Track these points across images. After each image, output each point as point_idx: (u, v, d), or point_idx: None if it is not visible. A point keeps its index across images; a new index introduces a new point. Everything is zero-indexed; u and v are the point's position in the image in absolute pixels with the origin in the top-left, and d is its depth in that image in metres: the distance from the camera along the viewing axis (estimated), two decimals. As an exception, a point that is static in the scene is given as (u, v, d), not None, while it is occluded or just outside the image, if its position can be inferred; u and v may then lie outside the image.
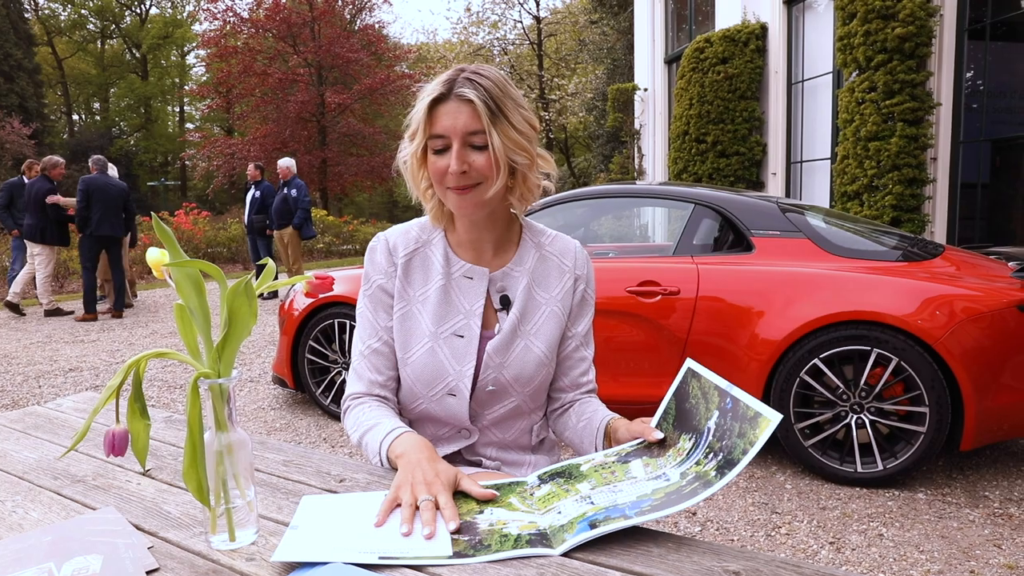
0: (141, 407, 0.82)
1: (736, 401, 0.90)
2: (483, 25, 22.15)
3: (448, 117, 1.09)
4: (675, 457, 0.94)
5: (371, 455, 1.11)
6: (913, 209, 5.97)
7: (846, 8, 6.17)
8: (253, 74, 21.87)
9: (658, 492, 0.87)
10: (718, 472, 0.85)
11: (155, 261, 0.87)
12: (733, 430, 0.88)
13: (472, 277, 1.21)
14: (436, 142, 1.11)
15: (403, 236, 1.25)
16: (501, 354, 1.20)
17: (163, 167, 36.14)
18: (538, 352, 1.22)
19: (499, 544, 0.81)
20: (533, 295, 1.24)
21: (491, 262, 1.24)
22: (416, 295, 1.22)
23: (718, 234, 3.47)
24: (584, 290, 1.29)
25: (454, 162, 1.09)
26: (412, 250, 1.24)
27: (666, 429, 1.00)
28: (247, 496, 0.85)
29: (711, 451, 0.89)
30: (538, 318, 1.23)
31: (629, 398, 3.13)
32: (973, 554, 2.32)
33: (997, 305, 2.73)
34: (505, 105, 1.10)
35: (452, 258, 1.23)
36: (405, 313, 1.22)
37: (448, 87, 1.09)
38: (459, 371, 1.19)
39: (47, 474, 1.10)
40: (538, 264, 1.25)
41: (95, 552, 0.82)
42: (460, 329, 1.20)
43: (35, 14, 30.80)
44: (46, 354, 6.02)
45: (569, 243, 1.29)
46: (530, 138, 1.14)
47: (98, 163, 7.90)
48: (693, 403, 0.97)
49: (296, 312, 3.90)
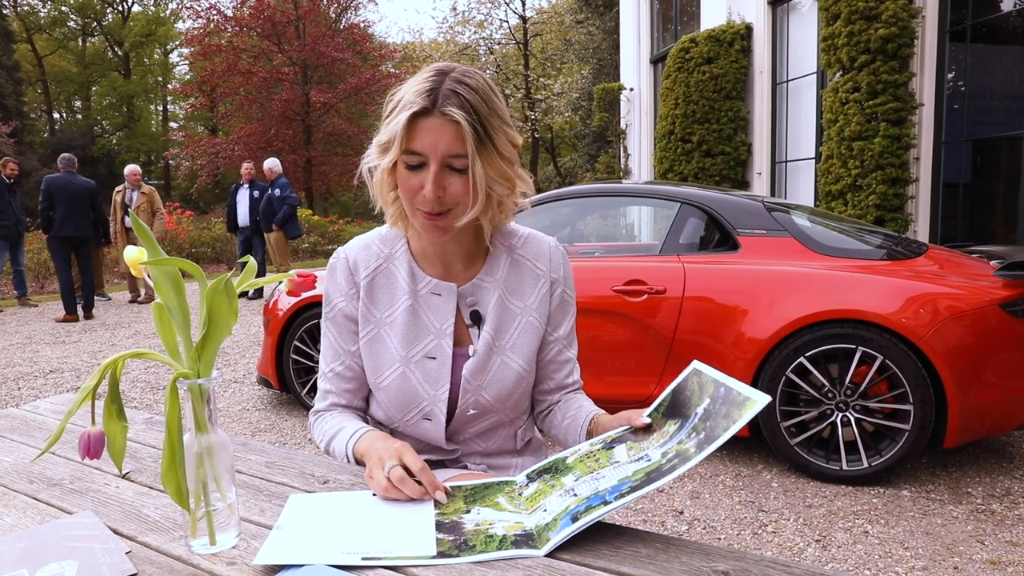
0: (118, 408, 0.80)
1: (729, 390, 0.89)
2: (469, 25, 22.09)
3: (429, 135, 0.99)
4: (659, 439, 0.93)
5: (340, 460, 1.11)
6: (896, 208, 6.03)
7: (830, 9, 6.21)
8: (237, 73, 21.67)
9: (638, 473, 0.86)
10: (697, 448, 0.84)
11: (133, 259, 0.85)
12: (720, 413, 0.87)
13: (440, 294, 1.15)
14: (411, 158, 1.01)
15: (363, 252, 1.18)
16: (478, 376, 1.14)
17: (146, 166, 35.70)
18: (516, 368, 1.17)
19: (484, 545, 0.80)
20: (507, 306, 1.17)
21: (460, 274, 1.17)
22: (383, 317, 1.16)
23: (704, 233, 3.47)
24: (562, 292, 1.22)
25: (430, 187, 1.00)
26: (374, 268, 1.17)
27: (656, 418, 0.99)
28: (228, 499, 0.83)
29: (694, 431, 0.88)
30: (513, 331, 1.17)
31: (616, 397, 3.13)
32: (957, 550, 2.34)
33: (980, 303, 2.76)
34: (492, 127, 1.01)
35: (418, 273, 1.16)
36: (373, 337, 1.16)
37: (431, 100, 0.98)
38: (433, 395, 1.14)
39: (22, 478, 1.07)
40: (510, 272, 1.18)
41: (71, 558, 0.80)
42: (431, 351, 1.14)
43: (13, 10, 30.32)
44: (26, 355, 5.93)
45: (543, 243, 1.22)
46: (512, 162, 1.06)
47: (65, 162, 7.77)
48: (688, 395, 0.96)
49: (281, 312, 3.87)
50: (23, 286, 8.84)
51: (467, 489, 0.96)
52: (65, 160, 7.77)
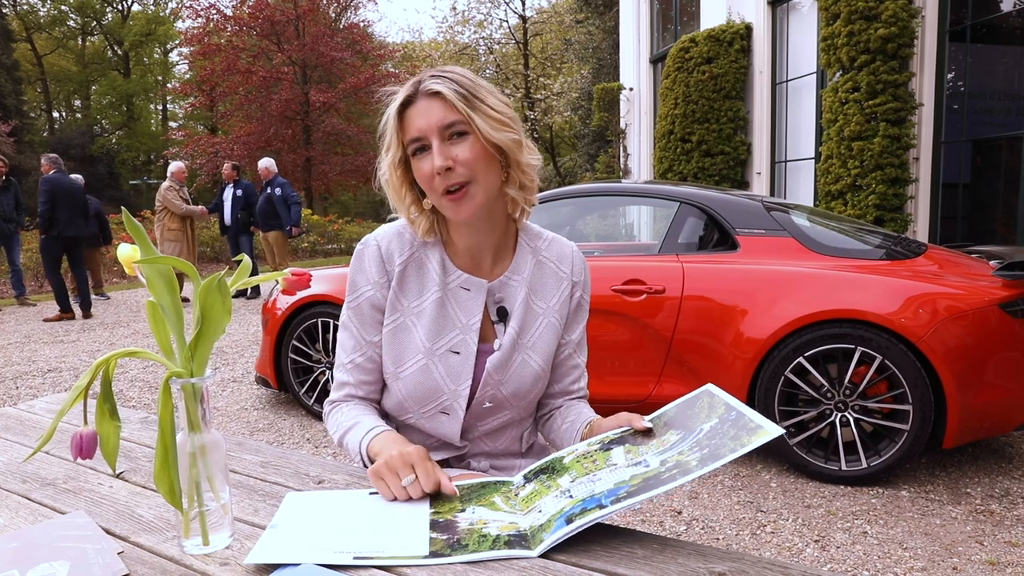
0: (111, 408, 0.79)
1: (741, 415, 0.88)
2: (469, 24, 22.09)
3: (421, 117, 1.04)
4: (658, 446, 0.91)
5: (352, 454, 1.09)
6: (896, 208, 6.02)
7: (830, 9, 6.21)
8: (237, 72, 21.65)
9: (635, 478, 0.85)
10: (700, 463, 0.82)
11: (126, 257, 0.85)
12: (727, 434, 0.85)
13: (469, 289, 1.15)
14: (414, 144, 1.05)
15: (397, 239, 1.16)
16: (500, 371, 1.15)
17: (146, 165, 35.70)
18: (535, 366, 1.18)
19: (477, 544, 0.80)
20: (531, 306, 1.18)
21: (488, 271, 1.17)
22: (411, 307, 1.15)
23: (703, 233, 3.47)
24: (580, 296, 1.24)
25: (437, 157, 1.02)
26: (408, 257, 1.16)
27: (657, 425, 0.97)
28: (221, 499, 0.83)
29: (697, 445, 0.87)
30: (535, 330, 1.18)
31: (614, 397, 3.13)
32: (956, 551, 2.34)
33: (979, 303, 2.75)
34: (477, 91, 1.05)
35: (449, 266, 1.16)
36: (398, 325, 1.15)
37: (414, 87, 1.06)
38: (454, 390, 1.14)
39: (15, 477, 1.06)
40: (535, 272, 1.20)
41: (62, 558, 0.79)
42: (456, 345, 1.14)
43: (13, 9, 30.31)
44: (24, 355, 5.92)
45: (566, 247, 1.24)
46: (511, 117, 1.08)
47: (55, 162, 7.60)
48: (695, 411, 0.95)
49: (279, 311, 3.86)
50: (21, 285, 8.83)
51: (463, 488, 0.96)
52: (54, 160, 7.63)
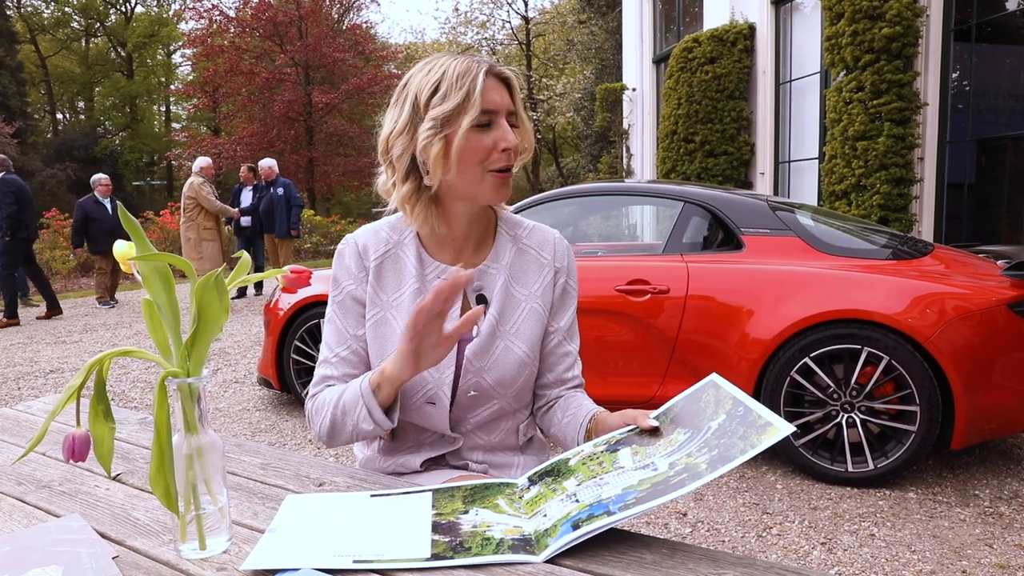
0: (105, 409, 0.77)
1: (749, 410, 0.85)
2: (471, 25, 22.11)
3: (495, 92, 1.07)
4: (666, 447, 0.88)
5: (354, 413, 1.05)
6: (900, 208, 5.98)
7: (833, 8, 6.17)
8: (239, 73, 21.66)
9: (644, 483, 0.82)
10: (709, 466, 0.79)
11: (122, 254, 0.83)
12: (736, 432, 0.82)
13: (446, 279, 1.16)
14: (483, 117, 1.06)
15: (373, 237, 1.20)
16: (481, 357, 1.15)
17: (149, 167, 35.77)
18: (519, 352, 1.17)
19: (480, 547, 0.78)
20: (511, 292, 1.18)
21: (469, 261, 1.18)
22: (389, 300, 1.16)
23: (708, 232, 3.44)
24: (565, 282, 1.23)
25: (512, 137, 1.06)
26: (383, 252, 1.18)
27: (663, 423, 0.94)
28: (219, 501, 0.81)
29: (706, 446, 0.83)
30: (517, 316, 1.18)
31: (618, 398, 3.10)
32: (965, 553, 2.31)
33: (987, 303, 2.72)
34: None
35: (425, 259, 1.18)
36: (379, 319, 1.16)
37: (485, 64, 1.08)
38: (438, 378, 1.14)
39: (10, 479, 1.04)
40: (515, 259, 1.20)
41: (55, 562, 0.77)
42: None
43: (17, 11, 30.38)
44: (27, 355, 5.92)
45: (548, 234, 1.24)
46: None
47: (3, 163, 7.36)
48: (702, 407, 0.91)
49: (281, 312, 3.85)
50: (24, 287, 8.83)
51: (466, 489, 0.93)
52: (7, 163, 7.40)
